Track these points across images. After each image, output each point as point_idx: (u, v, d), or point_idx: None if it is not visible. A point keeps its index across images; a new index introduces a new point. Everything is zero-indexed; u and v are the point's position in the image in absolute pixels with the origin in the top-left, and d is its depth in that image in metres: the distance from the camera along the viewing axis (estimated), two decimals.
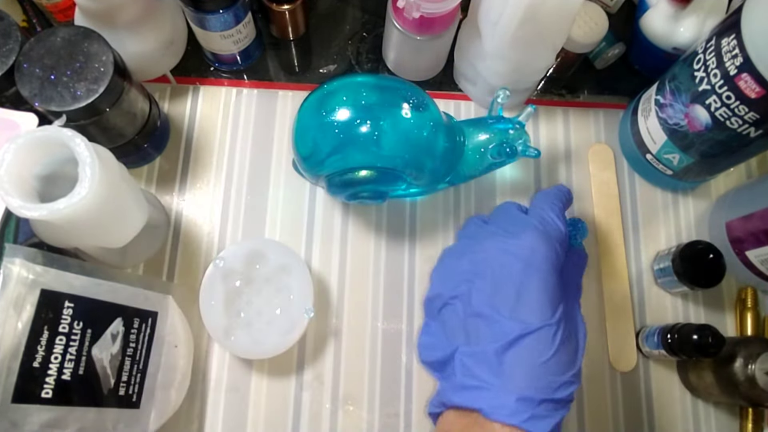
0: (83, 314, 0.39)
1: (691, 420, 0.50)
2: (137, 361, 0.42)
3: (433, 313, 0.41)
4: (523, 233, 0.39)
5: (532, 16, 0.43)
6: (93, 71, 0.41)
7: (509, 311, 0.35)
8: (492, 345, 0.34)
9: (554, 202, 0.42)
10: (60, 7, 0.51)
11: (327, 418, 0.47)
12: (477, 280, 0.39)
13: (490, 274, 0.38)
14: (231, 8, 0.48)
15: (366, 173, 0.44)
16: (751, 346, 0.46)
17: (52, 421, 0.36)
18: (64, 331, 0.37)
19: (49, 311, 0.37)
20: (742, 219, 0.50)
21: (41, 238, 0.40)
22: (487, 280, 0.38)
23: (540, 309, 0.35)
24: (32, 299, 0.36)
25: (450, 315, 0.39)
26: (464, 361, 0.35)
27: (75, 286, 0.39)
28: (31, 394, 0.35)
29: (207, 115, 0.55)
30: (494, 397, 0.32)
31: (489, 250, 0.39)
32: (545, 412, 0.33)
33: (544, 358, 0.34)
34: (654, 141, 0.51)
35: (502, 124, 0.49)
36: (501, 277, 0.37)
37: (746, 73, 0.40)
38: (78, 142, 0.35)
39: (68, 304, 0.38)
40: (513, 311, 0.35)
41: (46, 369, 0.36)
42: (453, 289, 0.39)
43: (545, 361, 0.34)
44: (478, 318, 0.36)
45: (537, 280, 0.36)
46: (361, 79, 0.45)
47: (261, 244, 0.48)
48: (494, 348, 0.34)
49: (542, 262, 0.37)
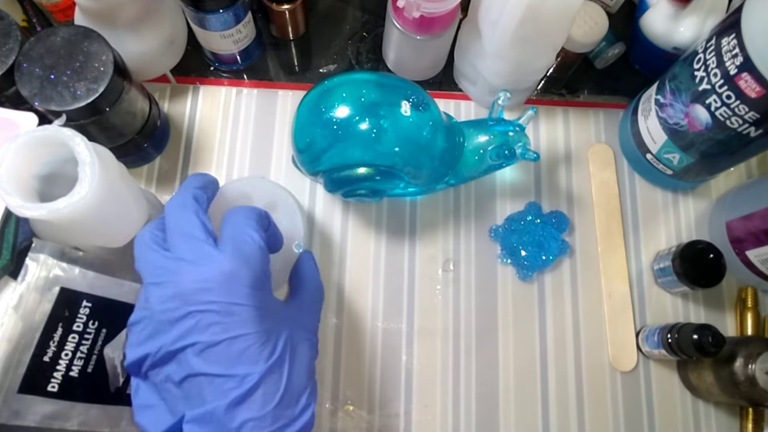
0: (100, 314, 0.39)
1: (691, 420, 0.50)
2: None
3: (138, 374, 0.34)
4: (214, 262, 0.33)
5: (532, 16, 0.43)
6: (93, 71, 0.41)
7: (227, 365, 0.31)
8: (219, 402, 0.31)
9: (247, 220, 0.36)
10: (60, 7, 0.51)
11: (327, 418, 0.47)
12: (182, 332, 0.32)
13: (194, 323, 0.32)
14: (231, 8, 0.48)
15: (364, 170, 0.44)
16: (751, 346, 0.46)
17: (55, 413, 0.37)
18: (78, 330, 0.38)
19: (65, 309, 0.37)
20: (742, 219, 0.50)
21: (41, 238, 0.40)
22: (195, 330, 0.32)
23: (258, 351, 0.32)
24: (51, 296, 0.37)
25: (163, 378, 0.33)
26: (194, 429, 0.31)
27: (95, 286, 0.39)
28: (37, 387, 0.36)
29: (207, 115, 0.55)
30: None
31: (185, 289, 0.32)
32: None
33: (276, 400, 0.32)
34: (654, 141, 0.51)
35: (502, 127, 0.49)
36: (207, 323, 0.32)
37: (746, 73, 0.40)
38: (78, 141, 0.34)
39: (86, 303, 0.39)
40: (231, 364, 0.31)
41: (55, 364, 0.37)
42: (156, 346, 0.32)
43: (278, 402, 0.32)
44: (197, 378, 0.32)
45: (246, 317, 0.32)
46: (362, 76, 0.45)
47: (248, 185, 0.47)
48: (223, 406, 0.31)
49: (246, 293, 0.32)
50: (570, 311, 0.52)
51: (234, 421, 0.31)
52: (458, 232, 0.53)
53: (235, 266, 0.33)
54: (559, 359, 0.51)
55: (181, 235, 0.34)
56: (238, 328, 0.32)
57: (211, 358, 0.31)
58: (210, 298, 0.32)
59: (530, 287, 0.52)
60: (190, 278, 0.32)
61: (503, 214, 0.54)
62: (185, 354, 0.32)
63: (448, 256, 0.53)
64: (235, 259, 0.33)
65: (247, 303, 0.32)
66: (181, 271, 0.32)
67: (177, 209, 0.35)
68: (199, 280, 0.32)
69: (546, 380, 0.50)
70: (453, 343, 0.50)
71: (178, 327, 0.32)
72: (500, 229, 0.53)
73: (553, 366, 0.50)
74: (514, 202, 0.54)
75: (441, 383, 0.49)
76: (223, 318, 0.32)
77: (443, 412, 0.49)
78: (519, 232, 0.53)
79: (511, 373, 0.50)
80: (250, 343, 0.32)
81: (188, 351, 0.32)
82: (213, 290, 0.32)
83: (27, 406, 0.36)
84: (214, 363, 0.31)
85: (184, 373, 0.32)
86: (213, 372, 0.31)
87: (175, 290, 0.32)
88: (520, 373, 0.50)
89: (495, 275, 0.52)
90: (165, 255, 0.34)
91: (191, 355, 0.32)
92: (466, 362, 0.50)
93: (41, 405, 0.36)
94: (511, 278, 0.52)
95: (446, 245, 0.53)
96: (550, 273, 0.53)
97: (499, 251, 0.53)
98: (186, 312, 0.32)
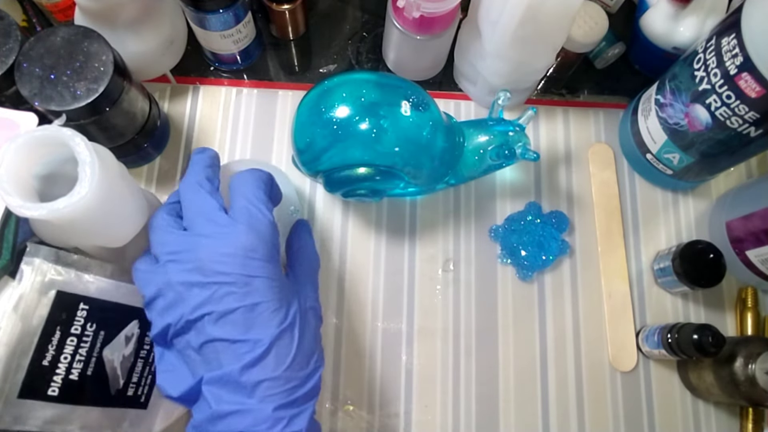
0: (97, 316, 0.39)
1: (691, 420, 0.50)
2: (150, 362, 0.43)
3: (164, 344, 0.37)
4: (232, 237, 0.35)
5: (532, 16, 0.43)
6: (93, 71, 0.41)
7: (241, 331, 0.34)
8: (235, 365, 0.33)
9: (255, 192, 0.38)
10: (60, 7, 0.51)
11: (327, 418, 0.47)
12: (200, 301, 0.35)
13: (210, 293, 0.34)
14: (231, 8, 0.48)
15: (364, 170, 0.44)
16: (751, 346, 0.46)
17: (56, 417, 0.37)
18: (76, 333, 0.38)
19: (63, 312, 0.37)
20: (742, 219, 0.50)
21: (41, 238, 0.40)
22: (211, 300, 0.34)
23: (270, 318, 0.35)
24: (47, 300, 0.37)
25: (184, 345, 0.35)
26: (212, 390, 0.34)
27: (92, 289, 0.39)
28: (37, 391, 0.36)
29: (207, 115, 0.55)
30: (252, 416, 0.33)
31: (204, 263, 0.35)
32: (299, 407, 0.34)
33: (288, 362, 0.34)
34: (654, 141, 0.51)
35: (502, 127, 0.49)
36: (223, 294, 0.34)
37: (746, 73, 0.40)
38: (78, 141, 0.34)
39: (83, 306, 0.38)
40: (245, 330, 0.34)
41: (54, 368, 0.37)
42: (177, 316, 0.35)
43: (289, 364, 0.34)
44: (213, 343, 0.34)
45: (260, 288, 0.35)
46: (362, 76, 0.45)
47: (240, 165, 0.47)
48: (238, 368, 0.33)
49: (260, 266, 0.35)
50: (570, 311, 0.52)
51: (250, 381, 0.33)
52: (458, 232, 0.53)
53: (250, 241, 0.35)
54: (559, 359, 0.51)
55: (198, 214, 0.37)
56: (252, 296, 0.34)
57: (227, 325, 0.34)
58: (227, 269, 0.34)
59: (530, 287, 0.52)
60: (209, 253, 0.35)
61: (503, 214, 0.54)
62: (203, 322, 0.34)
63: (448, 256, 0.53)
64: (250, 235, 0.36)
65: (260, 275, 0.35)
66: (199, 247, 0.35)
67: (193, 190, 0.38)
68: (217, 255, 0.35)
69: (546, 380, 0.50)
70: (453, 343, 0.50)
71: (196, 297, 0.34)
72: (500, 229, 0.53)
73: (553, 366, 0.50)
74: (514, 202, 0.54)
75: (441, 383, 0.49)
76: (239, 288, 0.34)
77: (443, 412, 0.49)
78: (519, 232, 0.53)
79: (511, 373, 0.50)
80: (263, 311, 0.34)
81: (206, 319, 0.34)
82: (230, 263, 0.34)
83: (28, 411, 0.35)
84: (229, 329, 0.34)
85: (202, 339, 0.34)
86: (229, 337, 0.34)
87: (195, 264, 0.35)
88: (520, 373, 0.50)
89: (495, 275, 0.52)
90: (183, 234, 0.37)
91: (208, 323, 0.34)
92: (466, 362, 0.50)
93: (42, 409, 0.36)
94: (511, 278, 0.52)
95: (446, 245, 0.53)
96: (550, 273, 0.53)
97: (499, 251, 0.53)
98: (204, 283, 0.34)
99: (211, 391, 0.34)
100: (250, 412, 0.33)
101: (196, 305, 0.34)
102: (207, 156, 0.41)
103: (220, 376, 0.33)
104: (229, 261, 0.34)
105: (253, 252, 0.35)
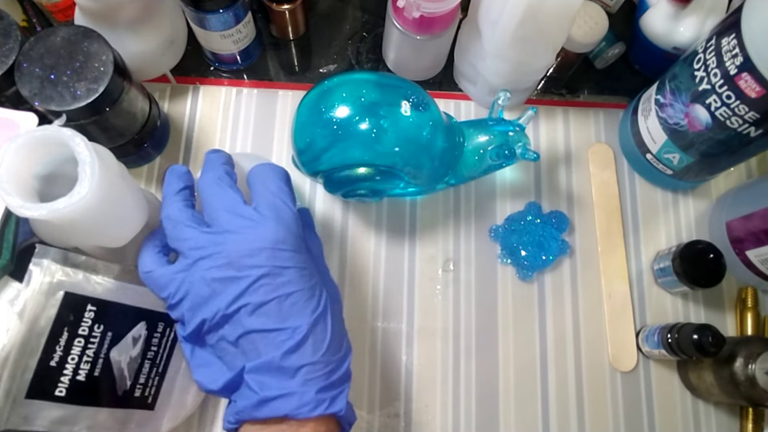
0: (105, 318, 0.39)
1: (691, 420, 0.50)
2: (157, 364, 0.43)
3: (195, 340, 0.37)
4: (261, 230, 0.36)
5: (532, 16, 0.43)
6: (93, 71, 0.41)
7: (278, 320, 0.35)
8: (275, 353, 0.34)
9: (278, 184, 0.39)
10: (60, 7, 0.51)
11: None
12: (235, 295, 0.35)
13: (245, 287, 0.35)
14: (231, 8, 0.48)
15: (364, 170, 0.44)
16: (751, 346, 0.46)
17: (63, 418, 0.37)
18: (84, 334, 0.38)
19: (70, 313, 0.37)
20: (742, 219, 0.50)
21: (41, 238, 0.40)
22: (246, 293, 0.35)
23: (304, 306, 0.35)
24: (55, 301, 0.37)
25: (218, 339, 0.36)
26: (255, 377, 0.34)
27: (99, 290, 0.39)
28: (44, 392, 0.36)
29: (207, 115, 0.55)
30: (297, 399, 0.34)
31: (235, 258, 0.35)
32: (338, 389, 0.36)
33: (324, 347, 0.35)
34: (654, 141, 0.51)
35: (502, 127, 0.49)
36: (258, 286, 0.35)
37: (746, 73, 0.40)
38: (78, 141, 0.34)
39: (90, 307, 0.38)
40: (282, 320, 0.35)
41: (62, 369, 0.37)
42: (212, 311, 0.35)
43: (326, 349, 0.35)
44: (250, 335, 0.35)
45: (293, 278, 0.36)
46: (362, 76, 0.45)
47: (237, 159, 0.47)
48: (279, 355, 0.34)
49: (290, 256, 0.36)
50: (570, 311, 0.52)
51: (291, 366, 0.34)
52: (458, 232, 0.53)
53: (279, 233, 0.36)
54: (559, 359, 0.51)
55: (224, 210, 0.37)
56: (286, 287, 0.35)
57: (262, 316, 0.35)
58: (259, 262, 0.35)
59: (530, 287, 0.52)
60: (239, 247, 0.35)
61: (503, 214, 0.54)
62: (239, 315, 0.35)
63: (448, 256, 0.53)
64: (278, 227, 0.36)
65: (291, 265, 0.36)
66: (228, 242, 0.35)
67: (215, 187, 0.38)
68: (248, 248, 0.35)
69: (546, 380, 0.50)
70: (453, 343, 0.50)
71: (231, 292, 0.35)
72: (500, 229, 0.53)
73: (553, 366, 0.50)
74: (514, 202, 0.54)
75: (441, 383, 0.49)
76: (272, 280, 0.35)
77: (443, 412, 0.49)
78: (519, 232, 0.53)
79: (511, 373, 0.50)
80: (297, 300, 0.35)
81: (242, 311, 0.35)
82: (261, 256, 0.35)
83: (35, 411, 0.36)
84: (265, 320, 0.35)
85: (240, 331, 0.35)
86: (266, 327, 0.34)
87: (227, 260, 0.35)
88: (520, 373, 0.50)
89: (495, 275, 0.52)
90: (208, 231, 0.37)
91: (245, 315, 0.35)
92: (466, 362, 0.50)
93: (49, 410, 0.36)
94: (511, 278, 0.52)
95: (446, 245, 0.53)
96: (550, 273, 0.53)
97: (499, 251, 0.53)
98: (238, 277, 0.35)
99: (254, 379, 0.34)
100: (294, 394, 0.34)
101: (232, 299, 0.35)
102: (222, 155, 0.41)
103: (262, 363, 0.34)
104: (261, 254, 0.35)
105: (283, 243, 0.36)
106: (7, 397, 0.35)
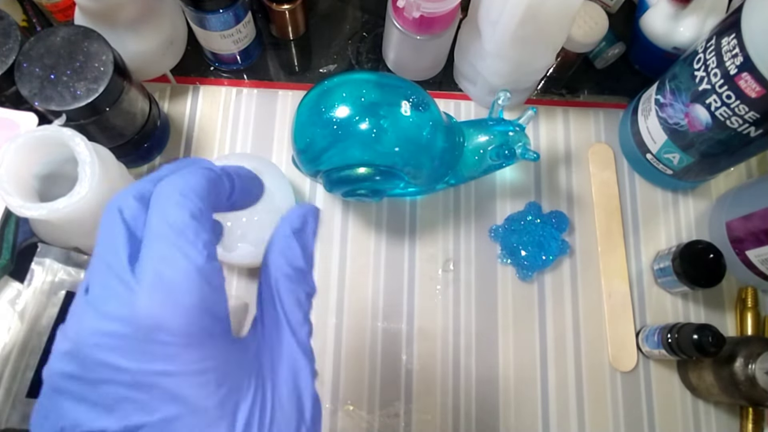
0: None
1: (691, 420, 0.50)
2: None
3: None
4: (123, 305, 0.20)
5: (532, 16, 0.43)
6: (93, 71, 0.41)
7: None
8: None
9: (184, 211, 0.21)
10: (60, 7, 0.51)
11: (327, 418, 0.47)
12: (82, 412, 0.20)
13: (94, 401, 0.20)
14: (231, 8, 0.48)
15: (364, 170, 0.44)
16: (751, 346, 0.46)
17: None
18: None
19: None
20: (742, 219, 0.50)
21: (41, 238, 0.40)
22: (98, 409, 0.20)
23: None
24: (57, 300, 0.37)
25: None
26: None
27: None
28: None
29: (207, 115, 0.55)
30: None
31: (82, 345, 0.20)
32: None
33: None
34: (654, 141, 0.51)
35: (502, 127, 0.49)
36: (115, 400, 0.20)
37: (746, 73, 0.40)
38: (78, 141, 0.35)
39: None
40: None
41: None
42: (56, 428, 0.21)
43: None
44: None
45: (175, 391, 0.20)
46: (362, 76, 0.45)
47: (232, 160, 0.47)
48: None
49: (171, 355, 0.20)
50: (570, 311, 0.52)
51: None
52: (458, 232, 0.53)
53: (154, 312, 0.20)
54: (559, 359, 0.51)
55: (99, 255, 0.22)
56: (163, 409, 0.20)
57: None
58: (114, 361, 0.20)
59: (530, 287, 0.52)
60: (88, 328, 0.20)
61: (503, 214, 0.54)
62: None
63: (448, 256, 0.53)
64: (153, 302, 0.20)
65: (173, 371, 0.20)
66: (84, 312, 0.21)
67: (106, 217, 0.23)
68: (98, 333, 0.20)
69: (546, 380, 0.50)
70: (453, 343, 0.50)
71: (74, 405, 0.20)
72: (500, 229, 0.53)
73: (553, 366, 0.50)
74: (514, 202, 0.54)
75: (441, 383, 0.49)
76: (139, 393, 0.20)
77: (443, 412, 0.49)
78: (519, 232, 0.53)
79: (511, 373, 0.50)
80: (183, 428, 0.20)
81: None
82: (118, 349, 0.20)
83: None
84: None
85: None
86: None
87: (71, 345, 0.20)
88: (520, 373, 0.50)
89: (495, 275, 0.52)
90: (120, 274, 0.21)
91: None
92: (466, 362, 0.50)
93: None
94: (511, 278, 0.52)
95: (446, 245, 0.53)
96: (550, 273, 0.53)
97: (499, 251, 0.53)
98: (84, 380, 0.20)
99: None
100: None
101: (77, 418, 0.20)
102: (180, 164, 0.24)
103: None
104: (118, 346, 0.20)
105: (157, 331, 0.20)
106: (8, 395, 0.35)
